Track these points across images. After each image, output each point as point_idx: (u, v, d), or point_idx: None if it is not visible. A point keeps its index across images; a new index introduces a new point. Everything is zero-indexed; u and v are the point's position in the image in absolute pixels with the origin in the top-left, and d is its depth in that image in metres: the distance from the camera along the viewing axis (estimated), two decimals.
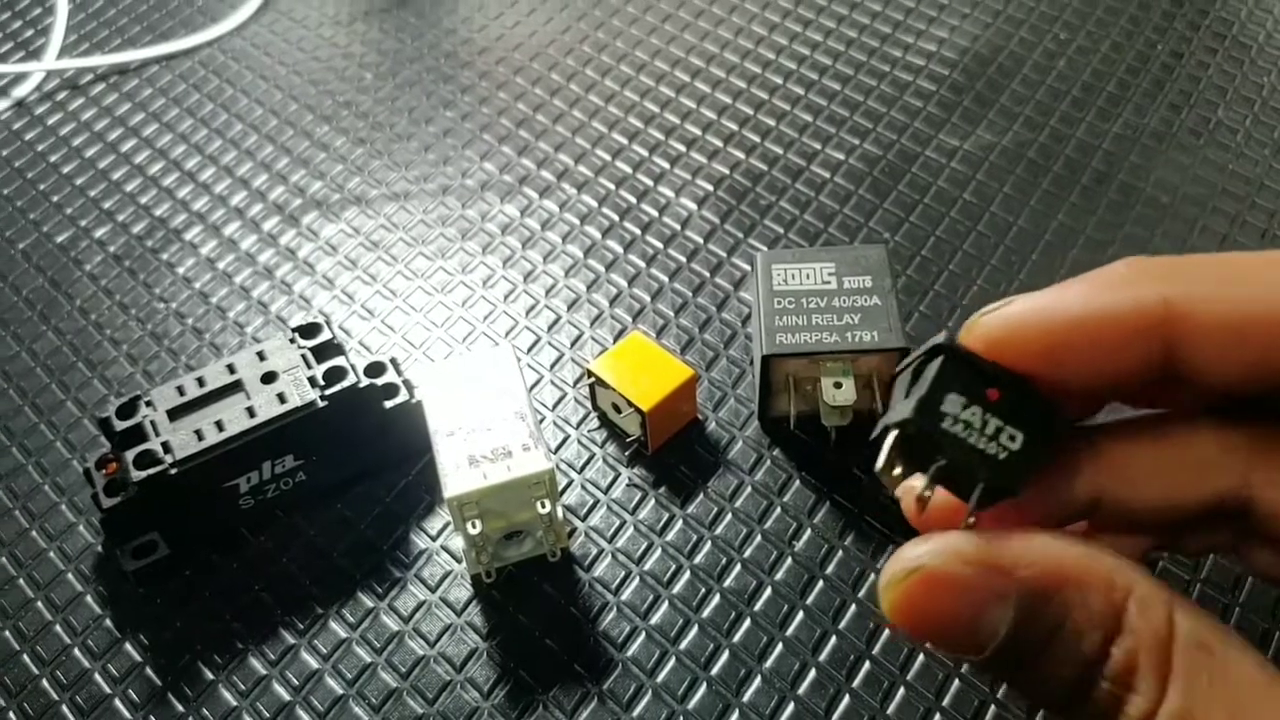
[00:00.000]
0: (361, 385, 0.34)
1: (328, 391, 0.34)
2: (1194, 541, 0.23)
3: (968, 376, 0.19)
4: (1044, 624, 0.18)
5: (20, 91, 0.51)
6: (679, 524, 0.35)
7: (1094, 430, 0.22)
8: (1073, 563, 0.19)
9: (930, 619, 0.19)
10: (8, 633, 0.34)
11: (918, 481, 0.20)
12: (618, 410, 0.37)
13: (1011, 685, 0.20)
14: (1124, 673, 0.18)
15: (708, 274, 0.42)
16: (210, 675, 0.33)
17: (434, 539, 0.35)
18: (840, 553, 0.34)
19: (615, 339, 0.40)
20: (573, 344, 0.40)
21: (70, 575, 0.35)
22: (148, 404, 0.34)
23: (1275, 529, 0.22)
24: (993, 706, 0.31)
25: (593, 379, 0.37)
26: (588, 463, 0.37)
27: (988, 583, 0.19)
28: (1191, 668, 0.18)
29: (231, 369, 0.34)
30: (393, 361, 0.36)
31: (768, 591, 0.33)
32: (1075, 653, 0.18)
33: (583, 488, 0.36)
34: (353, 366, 0.34)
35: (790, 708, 0.31)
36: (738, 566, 0.34)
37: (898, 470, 0.20)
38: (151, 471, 0.32)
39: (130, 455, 0.32)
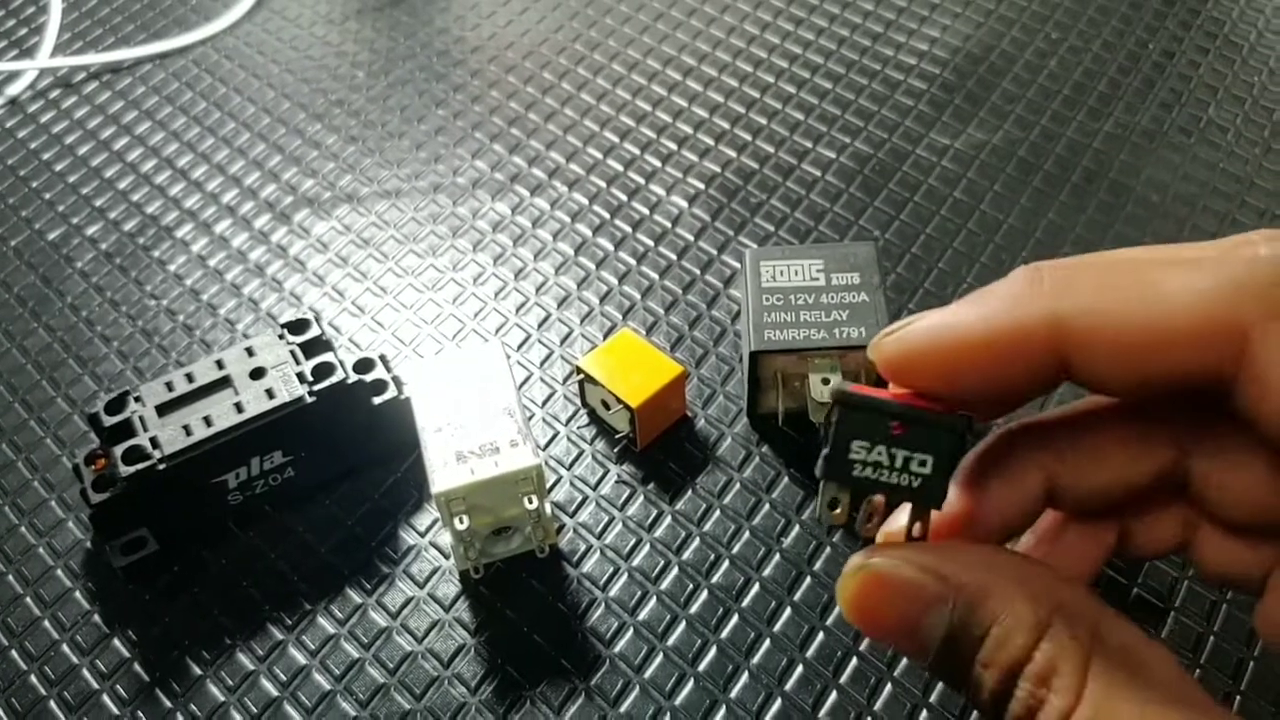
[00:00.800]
0: (350, 381, 0.34)
1: (316, 387, 0.34)
2: (1144, 535, 0.24)
3: (868, 419, 0.21)
4: (976, 628, 0.19)
5: (13, 89, 0.51)
6: (667, 520, 0.35)
7: (1040, 425, 0.23)
8: (1005, 574, 0.20)
9: (879, 617, 0.21)
10: None
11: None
12: (607, 407, 0.37)
13: (950, 686, 0.21)
14: (1044, 674, 0.19)
15: (698, 271, 0.42)
16: (198, 670, 0.33)
17: (422, 535, 0.35)
18: (828, 549, 0.34)
19: (605, 336, 0.40)
20: (563, 341, 0.40)
21: (59, 571, 0.35)
22: (136, 399, 0.34)
23: (1214, 500, 0.22)
24: None
25: (582, 376, 0.37)
26: (577, 459, 0.37)
27: (928, 587, 0.20)
28: (1109, 671, 0.19)
29: (220, 365, 0.34)
30: (382, 358, 0.36)
31: (755, 588, 0.34)
32: (1002, 655, 0.19)
33: (572, 484, 0.36)
34: (341, 363, 0.34)
35: (777, 703, 0.31)
36: (726, 563, 0.34)
37: (838, 510, 0.21)
38: (140, 467, 0.32)
39: (119, 451, 0.32)
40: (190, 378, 0.34)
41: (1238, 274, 0.19)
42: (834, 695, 0.31)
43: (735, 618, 0.33)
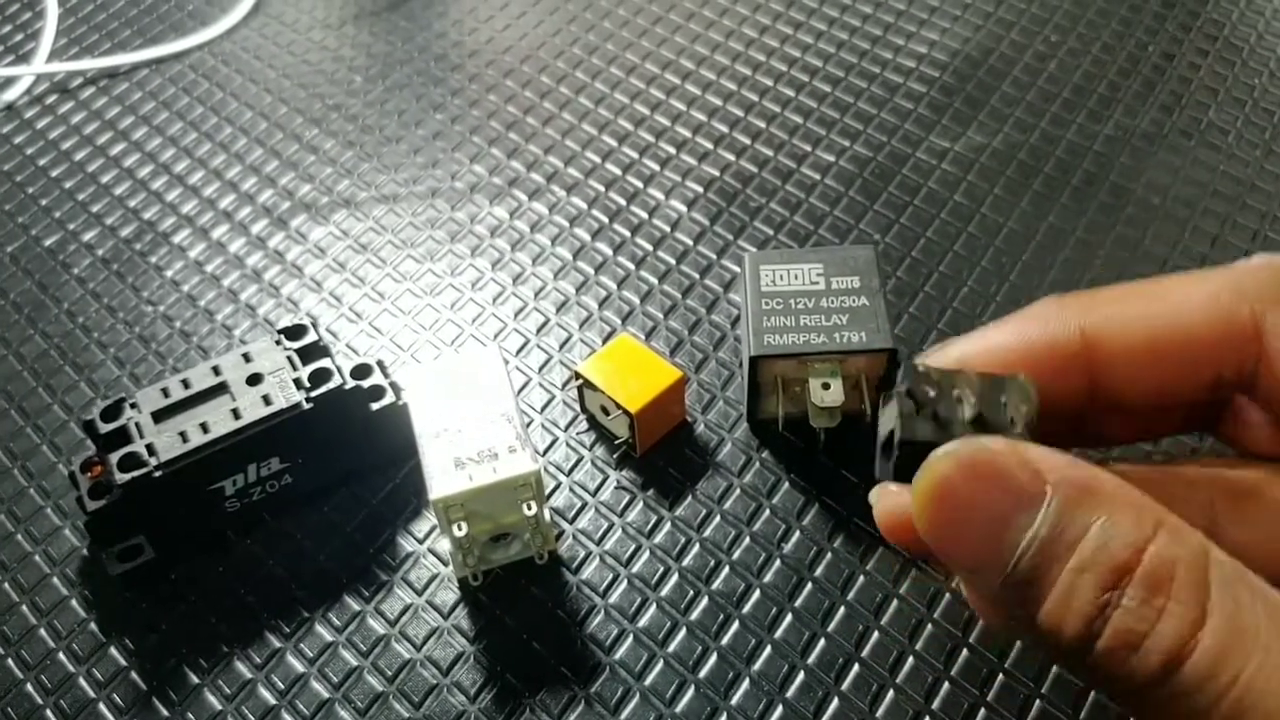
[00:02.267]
0: (347, 387, 0.34)
1: (313, 393, 0.33)
2: (1171, 426, 0.24)
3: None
4: (1073, 528, 0.17)
5: (9, 95, 0.51)
6: (667, 526, 0.35)
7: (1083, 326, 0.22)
8: (1105, 479, 0.18)
9: (962, 513, 0.19)
10: None
11: (894, 485, 0.22)
12: (606, 412, 0.36)
13: (1022, 616, 0.18)
14: (1158, 578, 0.17)
15: (697, 276, 0.42)
16: (196, 679, 0.32)
17: (421, 542, 0.35)
18: (829, 555, 0.34)
19: (604, 341, 0.40)
20: (561, 346, 0.40)
21: (55, 579, 0.35)
22: (133, 406, 0.34)
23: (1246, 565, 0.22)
24: (983, 709, 0.31)
25: (581, 381, 0.36)
26: (576, 465, 0.37)
27: (1025, 479, 0.18)
28: (1233, 582, 0.17)
29: (217, 371, 0.34)
30: (379, 364, 0.36)
31: (756, 594, 0.33)
32: (1104, 556, 0.17)
33: (571, 490, 0.36)
34: (338, 368, 0.34)
35: (779, 711, 0.31)
36: (726, 569, 0.34)
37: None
38: (136, 474, 0.32)
39: (114, 458, 0.32)
40: (186, 384, 0.34)
41: (1243, 276, 0.21)
42: (836, 702, 0.31)
43: (736, 624, 0.33)
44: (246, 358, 0.35)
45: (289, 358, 0.34)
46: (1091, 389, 0.22)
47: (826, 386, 0.34)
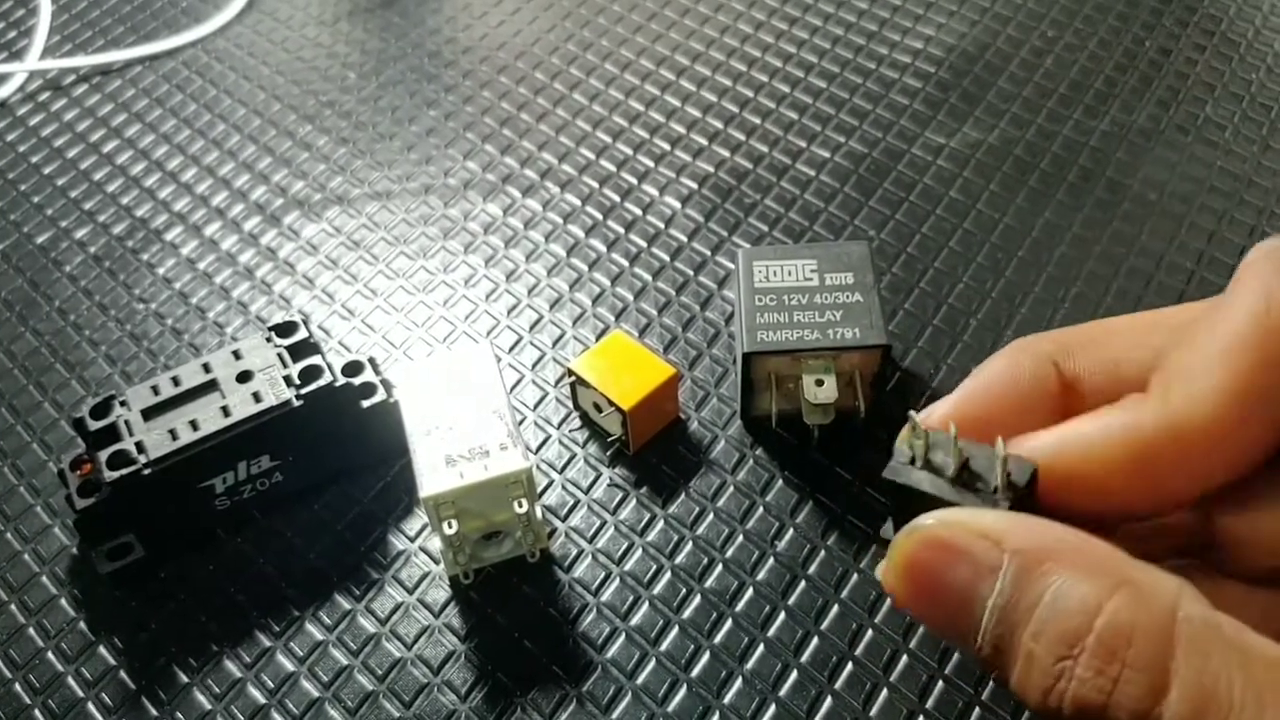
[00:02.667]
0: (338, 384, 0.34)
1: (303, 390, 0.33)
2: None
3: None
4: (1028, 597, 0.17)
5: (2, 92, 0.51)
6: (660, 524, 0.35)
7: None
8: (1065, 543, 0.18)
9: (934, 586, 0.19)
10: None
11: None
12: (599, 410, 0.36)
13: (1001, 681, 0.19)
14: (1111, 645, 0.16)
15: (691, 272, 0.42)
16: (185, 678, 0.32)
17: (412, 540, 0.35)
18: (823, 553, 0.34)
19: (598, 338, 0.40)
20: (554, 343, 0.40)
21: (45, 578, 0.35)
22: (122, 404, 0.33)
23: (1240, 560, 0.22)
24: (977, 709, 0.30)
25: (573, 378, 0.36)
26: (569, 463, 0.36)
27: (986, 551, 0.18)
28: (1204, 645, 0.16)
29: (207, 368, 0.34)
30: (371, 361, 0.36)
31: (749, 592, 0.33)
32: (1052, 626, 0.17)
33: (563, 488, 0.36)
34: (329, 365, 0.34)
35: (771, 709, 0.31)
36: (719, 567, 0.34)
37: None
38: (125, 471, 0.32)
39: (104, 455, 0.32)
40: (176, 381, 0.34)
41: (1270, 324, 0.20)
42: (829, 701, 0.31)
43: (729, 622, 0.33)
44: (236, 355, 0.34)
45: (279, 355, 0.34)
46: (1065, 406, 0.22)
47: (820, 383, 0.33)
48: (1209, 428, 0.19)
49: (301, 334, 0.35)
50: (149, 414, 0.33)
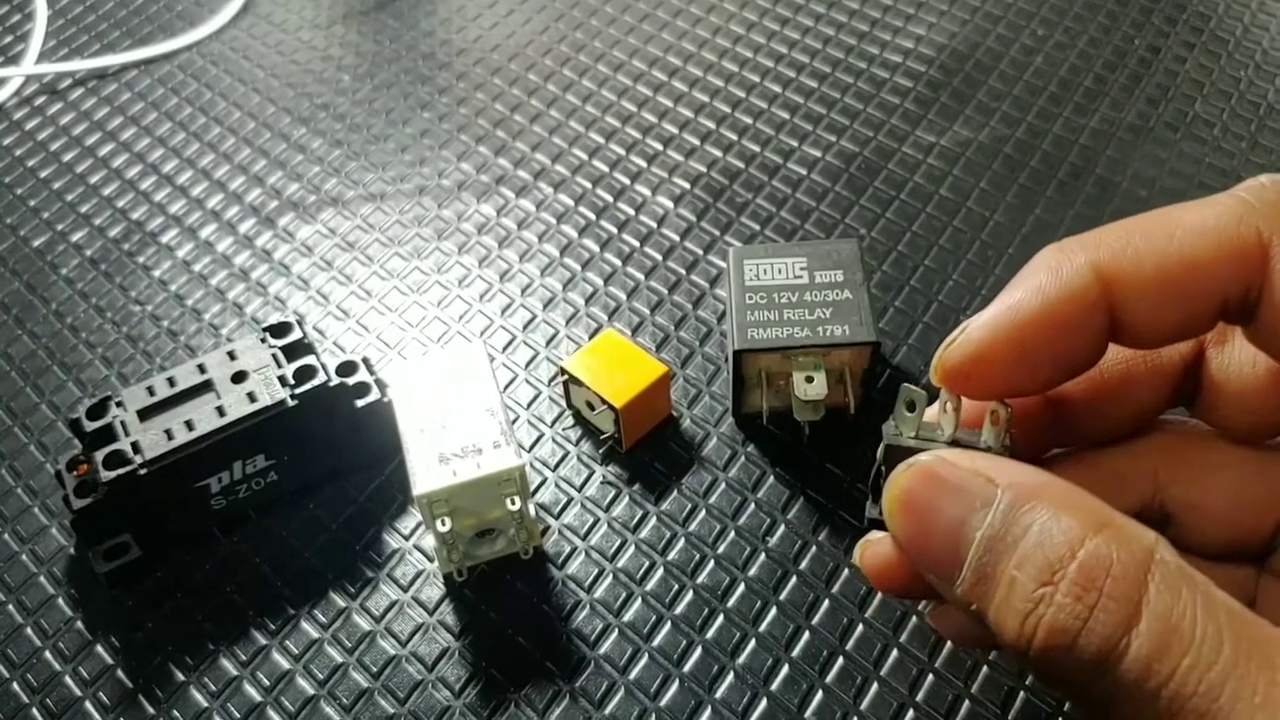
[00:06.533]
0: (332, 384, 0.34)
1: (298, 390, 0.33)
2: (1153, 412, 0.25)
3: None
4: (1016, 528, 0.18)
5: None
6: (652, 521, 0.35)
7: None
8: (1053, 485, 0.19)
9: (926, 516, 0.20)
10: None
11: (873, 535, 0.23)
12: (592, 408, 0.36)
13: (978, 617, 0.19)
14: (1090, 575, 0.17)
15: (684, 271, 0.42)
16: (181, 676, 0.32)
17: (406, 538, 0.35)
18: (814, 548, 0.34)
19: (591, 337, 0.40)
20: (548, 342, 0.40)
21: (42, 578, 0.35)
22: (118, 404, 0.34)
23: (1193, 531, 0.23)
24: (967, 702, 0.31)
25: (566, 377, 0.36)
26: (562, 460, 0.37)
27: (978, 485, 0.19)
28: (1174, 585, 0.17)
29: (202, 369, 0.34)
30: (365, 361, 0.36)
31: (741, 587, 0.33)
32: (1039, 553, 0.18)
33: (556, 485, 0.36)
34: (323, 365, 0.34)
35: (763, 704, 0.31)
36: (711, 563, 0.34)
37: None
38: (121, 472, 0.32)
39: (100, 456, 0.32)
40: (172, 382, 0.34)
41: (1248, 201, 0.20)
42: (820, 695, 0.31)
43: (721, 618, 0.33)
44: (231, 355, 0.35)
45: (274, 355, 0.34)
46: (1108, 330, 0.21)
47: (810, 380, 0.34)
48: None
49: (296, 334, 0.35)
50: (145, 415, 0.33)
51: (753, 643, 0.32)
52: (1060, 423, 0.25)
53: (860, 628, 0.32)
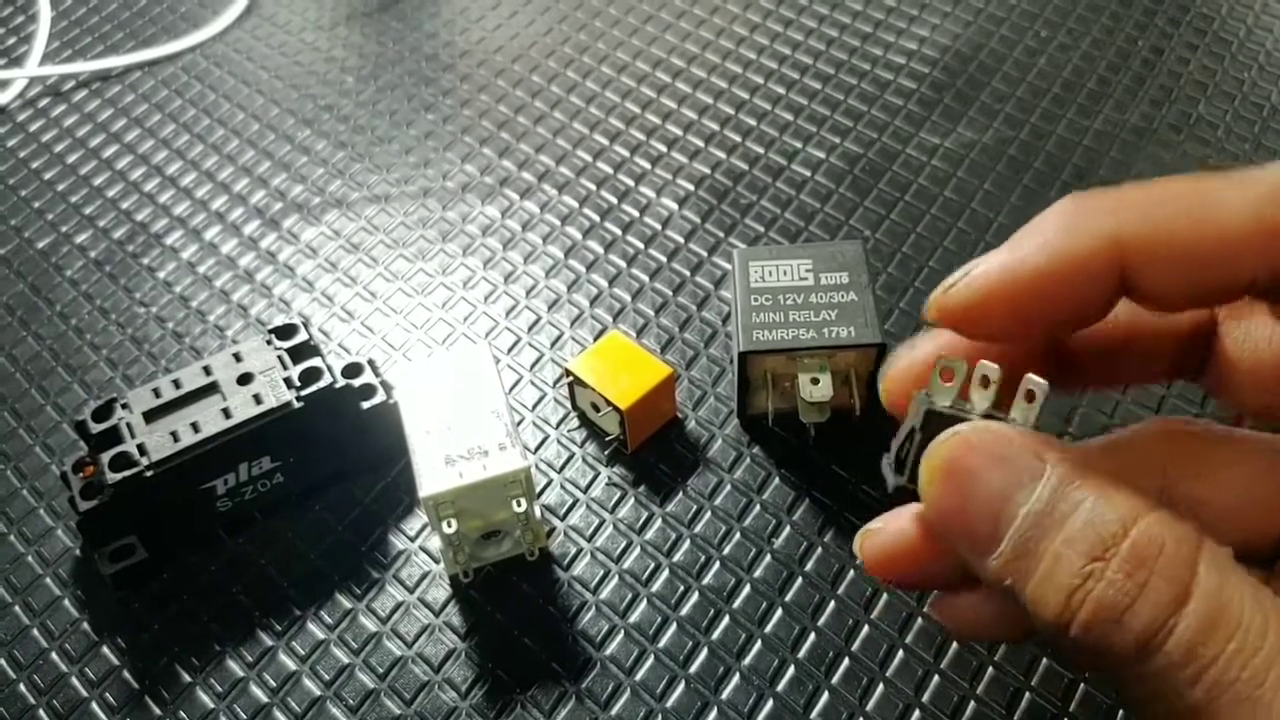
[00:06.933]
0: (338, 386, 0.34)
1: (304, 392, 0.33)
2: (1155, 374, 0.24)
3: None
4: (1062, 509, 0.18)
5: (2, 98, 0.51)
6: (658, 522, 0.35)
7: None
8: (1102, 465, 0.19)
9: (969, 488, 0.19)
10: None
11: (875, 523, 0.23)
12: (597, 409, 0.36)
13: (1014, 591, 0.19)
14: (1144, 553, 0.17)
15: (688, 273, 0.42)
16: (188, 677, 0.33)
17: (412, 540, 0.35)
18: (819, 549, 0.34)
19: (595, 339, 0.40)
20: (553, 344, 0.40)
21: (48, 579, 0.35)
22: (124, 406, 0.34)
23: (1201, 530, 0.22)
24: (972, 703, 0.31)
25: (571, 378, 0.36)
26: (567, 462, 0.37)
27: (1025, 459, 0.19)
28: (1222, 570, 0.17)
29: (208, 371, 0.34)
30: (370, 363, 0.36)
31: (747, 589, 0.33)
32: (1090, 530, 0.17)
33: (562, 487, 0.36)
34: (329, 367, 0.34)
35: (769, 705, 0.31)
36: (717, 564, 0.34)
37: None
38: (127, 474, 0.32)
39: (106, 458, 0.32)
40: (178, 384, 0.34)
41: None
42: (826, 696, 0.31)
43: (726, 619, 0.33)
44: (237, 357, 0.35)
45: (279, 357, 0.35)
46: (1118, 291, 0.21)
47: (816, 381, 0.34)
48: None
49: (301, 336, 0.35)
50: (151, 416, 0.34)
51: (759, 644, 0.32)
52: (1059, 364, 0.24)
53: (866, 629, 0.32)
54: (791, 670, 0.32)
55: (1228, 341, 0.23)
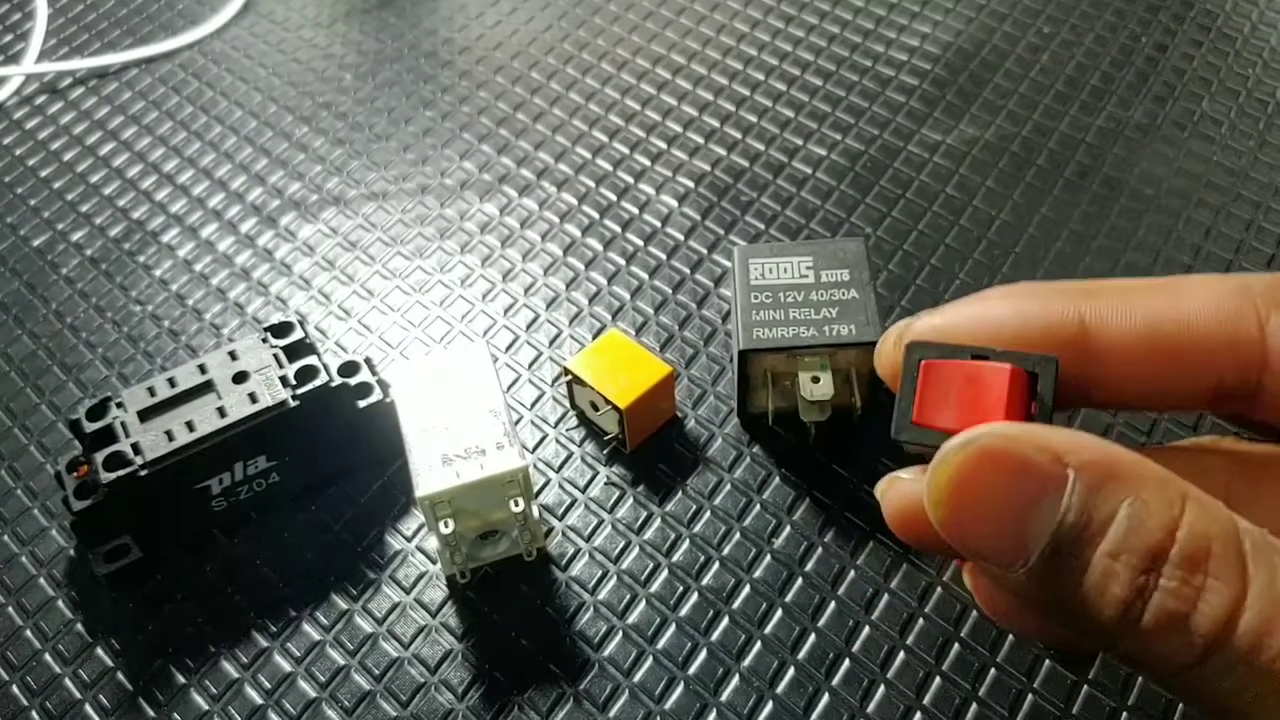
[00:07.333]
0: (334, 384, 0.34)
1: (299, 391, 0.33)
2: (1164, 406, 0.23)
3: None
4: (1099, 512, 0.17)
5: None
6: (657, 522, 0.35)
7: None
8: (1126, 456, 0.17)
9: (984, 504, 0.18)
10: None
11: (904, 473, 0.22)
12: (595, 408, 0.36)
13: (1049, 606, 0.18)
14: (1195, 556, 0.16)
15: (688, 271, 0.42)
16: (182, 679, 0.32)
17: (409, 540, 0.35)
18: (819, 549, 0.34)
19: (594, 337, 0.40)
20: (551, 342, 0.40)
21: (42, 580, 0.35)
22: (118, 405, 0.33)
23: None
24: (974, 705, 0.30)
25: (570, 377, 0.36)
26: (566, 461, 0.36)
27: (1046, 466, 0.17)
28: (1266, 555, 0.16)
29: (203, 369, 0.34)
30: (367, 361, 0.36)
31: (746, 589, 0.33)
32: (1136, 539, 0.16)
33: (560, 487, 0.36)
34: (325, 366, 0.34)
35: (769, 707, 0.31)
36: (716, 564, 0.34)
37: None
38: (121, 473, 0.32)
39: (100, 457, 0.32)
40: (172, 382, 0.34)
41: (1252, 279, 0.20)
42: (826, 698, 0.31)
43: (726, 620, 0.32)
44: (232, 356, 0.34)
45: (275, 355, 0.34)
46: (1082, 378, 0.21)
47: (816, 380, 0.33)
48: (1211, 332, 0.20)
49: (298, 334, 0.35)
50: (146, 415, 0.33)
51: (758, 645, 0.32)
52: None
53: (866, 630, 0.32)
54: (791, 672, 0.31)
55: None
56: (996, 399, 0.20)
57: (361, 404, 0.35)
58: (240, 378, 0.34)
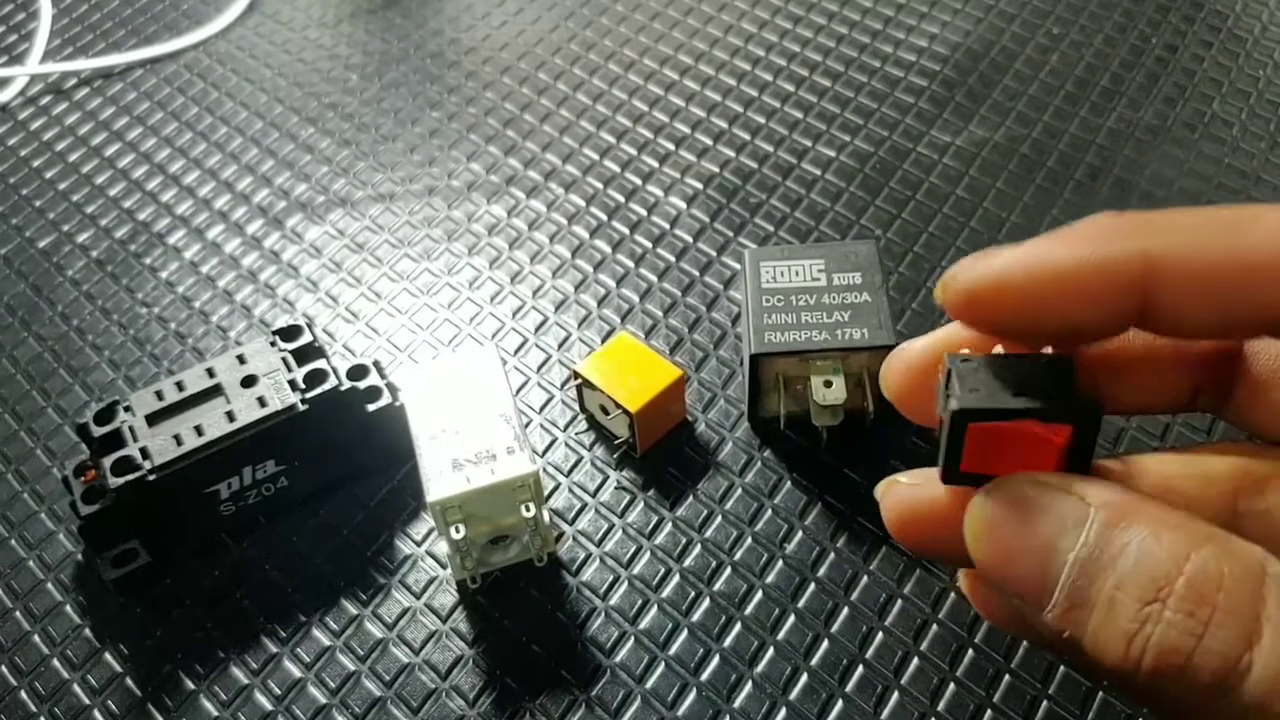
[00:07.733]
0: (343, 388, 0.33)
1: (308, 395, 0.33)
2: (1176, 403, 0.23)
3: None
4: (1110, 551, 0.17)
5: (3, 96, 0.51)
6: (668, 527, 0.35)
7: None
8: (1151, 502, 0.18)
9: (1014, 546, 0.18)
10: None
11: (903, 476, 0.21)
12: (605, 412, 0.36)
13: (1072, 648, 0.18)
14: (1202, 590, 0.16)
15: (697, 273, 0.41)
16: (191, 685, 0.32)
17: (419, 544, 0.35)
18: (832, 555, 0.34)
19: (604, 340, 0.39)
20: (560, 345, 0.40)
21: (50, 585, 0.34)
22: (126, 409, 0.33)
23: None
24: (989, 711, 0.30)
25: (580, 380, 0.36)
26: (575, 465, 0.36)
27: (1066, 504, 0.18)
28: None
29: (211, 373, 0.34)
30: (376, 364, 0.36)
31: (758, 595, 0.33)
32: (1141, 570, 0.16)
33: (570, 491, 0.36)
34: (334, 369, 0.34)
35: (782, 713, 0.31)
36: (728, 569, 0.33)
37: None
38: (129, 478, 0.31)
39: (108, 461, 0.32)
40: (181, 386, 0.34)
41: None
42: (840, 704, 0.31)
43: (738, 626, 0.32)
44: (241, 359, 0.34)
45: (284, 359, 0.34)
46: (1138, 313, 0.20)
47: (829, 384, 0.33)
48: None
49: (306, 338, 0.35)
50: (153, 419, 0.33)
51: (771, 651, 0.32)
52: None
53: (880, 636, 0.32)
54: (805, 678, 0.31)
55: (1257, 365, 0.22)
56: (1039, 454, 0.20)
57: (371, 408, 0.35)
58: (249, 381, 0.34)
